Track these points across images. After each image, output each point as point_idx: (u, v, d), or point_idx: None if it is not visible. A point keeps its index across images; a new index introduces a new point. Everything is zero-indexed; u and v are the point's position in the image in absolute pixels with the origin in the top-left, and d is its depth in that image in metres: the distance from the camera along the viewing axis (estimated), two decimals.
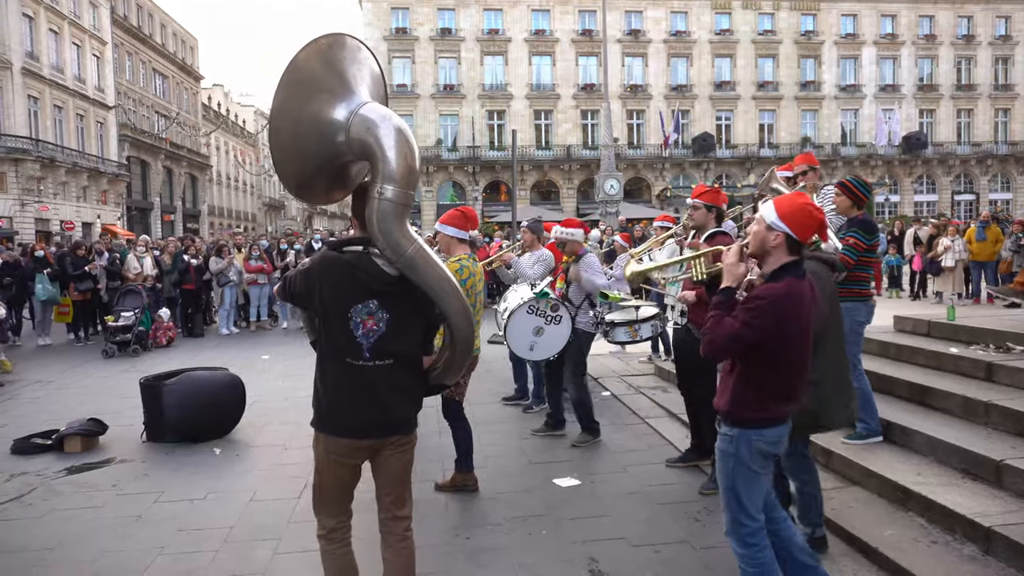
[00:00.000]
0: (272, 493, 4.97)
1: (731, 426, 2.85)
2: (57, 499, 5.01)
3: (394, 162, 2.61)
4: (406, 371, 2.80)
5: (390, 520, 2.93)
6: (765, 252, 2.78)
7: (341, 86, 2.68)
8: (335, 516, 2.87)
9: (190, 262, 13.30)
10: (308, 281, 2.72)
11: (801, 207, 2.76)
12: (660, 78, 42.14)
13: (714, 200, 4.92)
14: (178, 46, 52.19)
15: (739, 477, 2.85)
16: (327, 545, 2.87)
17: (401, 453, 2.86)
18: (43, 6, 34.22)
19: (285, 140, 2.69)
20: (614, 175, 23.38)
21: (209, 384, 6.52)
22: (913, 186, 44.58)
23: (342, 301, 2.68)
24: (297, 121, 2.66)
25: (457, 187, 41.27)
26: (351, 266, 2.70)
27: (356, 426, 2.74)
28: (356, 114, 2.64)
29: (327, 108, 2.65)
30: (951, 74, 44.71)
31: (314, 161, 2.76)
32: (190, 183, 51.87)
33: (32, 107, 33.36)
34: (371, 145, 2.62)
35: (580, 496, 4.83)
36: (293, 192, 2.95)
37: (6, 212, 31.37)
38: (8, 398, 8.40)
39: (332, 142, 2.67)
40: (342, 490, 2.87)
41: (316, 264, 2.76)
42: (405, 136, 2.66)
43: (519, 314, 5.60)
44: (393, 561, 2.92)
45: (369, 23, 39.71)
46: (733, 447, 2.84)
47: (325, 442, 2.78)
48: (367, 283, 2.69)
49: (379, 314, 2.69)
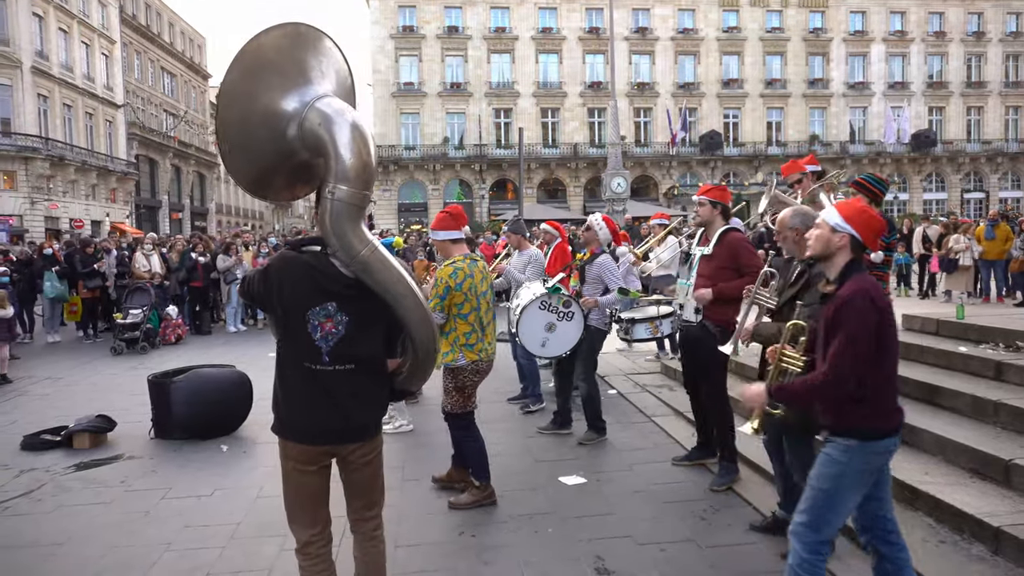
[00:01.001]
0: (279, 490, 4.88)
1: (848, 437, 2.73)
2: (66, 495, 5.04)
3: (348, 160, 2.50)
4: (367, 375, 2.70)
5: (359, 520, 2.88)
6: (829, 254, 2.80)
7: (295, 76, 2.56)
8: (308, 527, 2.74)
9: (198, 260, 13.35)
10: (266, 282, 2.62)
11: (863, 210, 2.83)
12: (667, 76, 42.03)
13: (720, 197, 4.93)
14: (186, 44, 52.38)
15: (843, 485, 2.73)
16: (303, 561, 2.75)
17: (367, 463, 2.78)
18: (52, 5, 34.40)
19: (233, 132, 2.56)
20: (621, 173, 23.34)
21: (217, 381, 6.55)
22: (922, 184, 44.34)
23: (300, 303, 2.58)
24: (246, 110, 2.53)
25: (464, 185, 41.28)
26: (309, 267, 2.61)
27: (314, 432, 2.64)
28: (311, 107, 2.53)
29: (278, 98, 2.52)
30: (961, 71, 44.42)
31: (265, 156, 2.62)
32: (198, 181, 52.07)
33: (42, 106, 33.55)
34: (324, 141, 2.51)
35: (586, 494, 4.83)
36: (246, 188, 2.77)
37: (16, 210, 31.57)
38: (18, 394, 8.46)
39: (283, 135, 2.54)
40: (310, 498, 2.74)
41: (274, 264, 2.68)
42: (361, 133, 2.55)
43: (531, 310, 5.58)
44: (362, 559, 2.88)
45: (376, 21, 39.75)
46: (847, 457, 2.72)
47: (285, 448, 2.71)
48: (325, 284, 2.59)
49: (338, 316, 2.60)
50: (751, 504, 4.52)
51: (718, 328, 4.69)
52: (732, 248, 4.74)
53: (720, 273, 4.68)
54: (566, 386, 6.23)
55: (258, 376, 7.21)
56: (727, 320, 4.67)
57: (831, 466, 2.76)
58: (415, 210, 40.38)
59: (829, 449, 2.79)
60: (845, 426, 2.74)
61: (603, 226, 5.99)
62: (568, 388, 6.23)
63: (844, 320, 2.64)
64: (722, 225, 4.87)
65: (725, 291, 4.59)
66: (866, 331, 2.62)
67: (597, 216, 6.14)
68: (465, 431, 4.59)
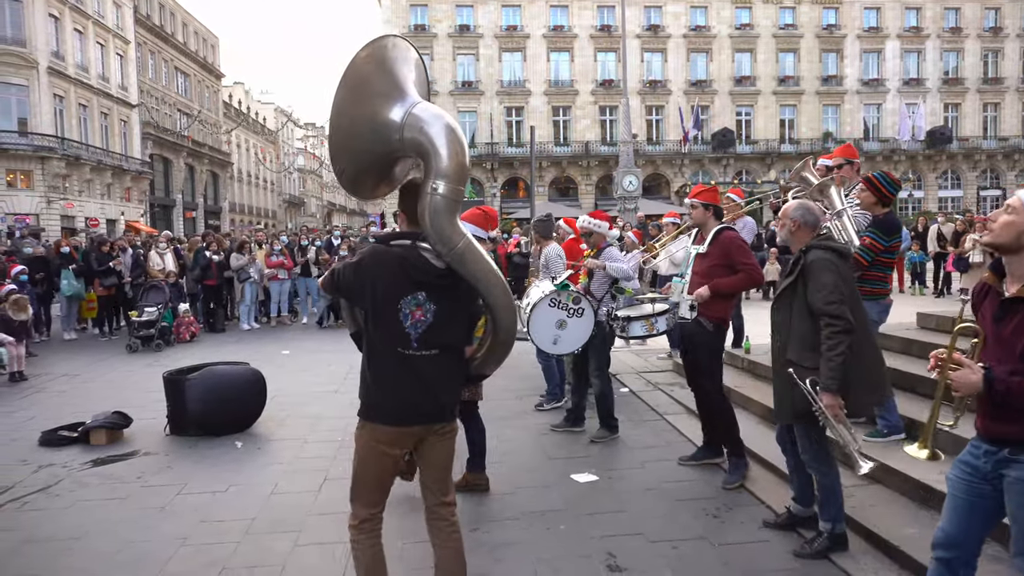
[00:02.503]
0: (293, 486, 5.02)
1: None
2: (83, 490, 5.10)
3: (446, 159, 2.70)
4: (450, 360, 2.88)
5: (438, 506, 3.00)
6: (1020, 247, 2.32)
7: (395, 88, 2.79)
8: (370, 507, 2.92)
9: (212, 258, 13.45)
10: (359, 274, 2.80)
11: None
12: (679, 73, 41.87)
13: (711, 198, 5.08)
14: (199, 44, 52.71)
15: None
16: (357, 535, 2.91)
17: (445, 441, 2.95)
18: (68, 6, 34.72)
19: (342, 139, 2.82)
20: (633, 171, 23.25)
21: (231, 378, 6.60)
22: (937, 181, 43.93)
23: (392, 292, 2.77)
24: (354, 121, 2.78)
25: (475, 183, 41.28)
26: (401, 259, 2.78)
27: (405, 413, 2.81)
28: (409, 114, 2.74)
29: (383, 109, 2.76)
30: (977, 67, 43.95)
31: (369, 159, 2.89)
32: (211, 180, 52.42)
33: (58, 106, 33.89)
34: (424, 144, 2.72)
35: (598, 492, 4.83)
36: (349, 190, 3.11)
37: (33, 209, 31.93)
38: (36, 391, 8.56)
39: (387, 141, 2.77)
40: (381, 480, 2.93)
41: (367, 257, 2.85)
42: (456, 134, 2.75)
43: (541, 308, 5.58)
44: (443, 546, 2.99)
45: (388, 20, 39.83)
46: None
47: (372, 431, 2.85)
48: (416, 275, 2.77)
49: (427, 305, 2.78)
50: (764, 502, 4.50)
51: (712, 324, 4.83)
52: (725, 247, 4.87)
53: (714, 271, 4.83)
54: (582, 385, 6.24)
55: (272, 374, 7.27)
56: (721, 316, 4.87)
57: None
58: None
59: (1017, 472, 2.38)
60: None
61: (597, 223, 6.08)
62: (584, 386, 6.24)
63: None
64: (715, 225, 4.99)
65: (721, 286, 4.75)
66: None
67: (584, 218, 6.22)
68: (471, 419, 4.75)
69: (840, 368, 3.38)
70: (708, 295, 4.75)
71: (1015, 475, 2.38)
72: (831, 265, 3.54)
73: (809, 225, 3.75)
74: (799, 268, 3.64)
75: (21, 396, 8.29)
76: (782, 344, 3.73)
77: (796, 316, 3.64)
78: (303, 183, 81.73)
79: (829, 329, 3.44)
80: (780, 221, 3.87)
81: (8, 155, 31.45)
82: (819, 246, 3.66)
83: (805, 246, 3.69)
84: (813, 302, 3.51)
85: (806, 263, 3.60)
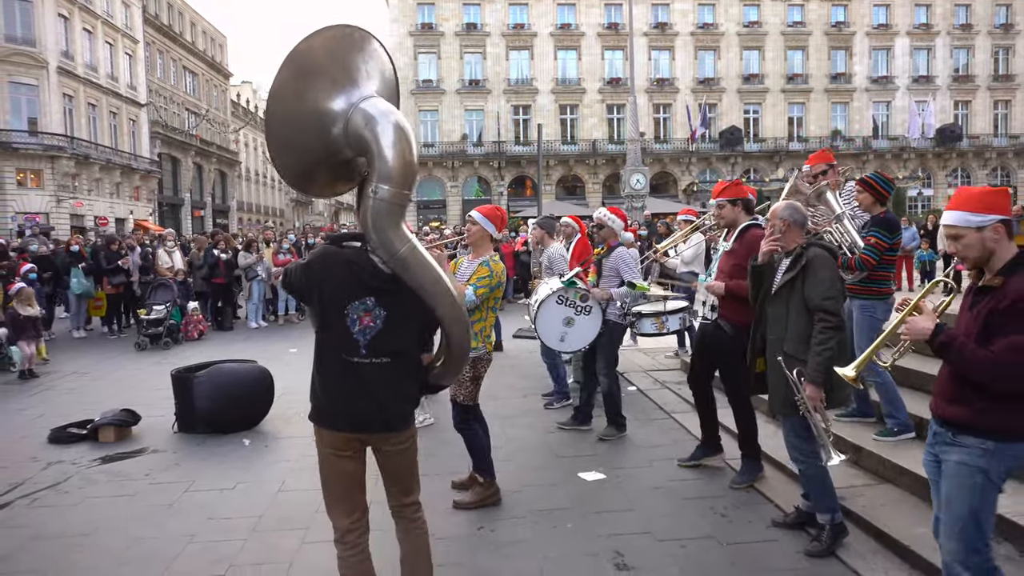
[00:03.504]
0: (300, 484, 5.03)
1: (985, 438, 2.48)
2: (92, 487, 5.13)
3: (391, 160, 2.54)
4: (402, 369, 2.77)
5: (398, 507, 2.95)
6: (989, 252, 2.51)
7: (343, 77, 2.61)
8: (347, 514, 2.80)
9: (219, 256, 13.48)
10: (308, 275, 2.72)
11: (985, 191, 2.60)
12: (687, 71, 41.75)
13: (736, 194, 4.87)
14: (208, 44, 52.89)
15: (986, 498, 2.48)
16: (342, 551, 2.80)
17: (402, 452, 2.84)
18: (77, 6, 34.89)
19: (280, 128, 2.61)
20: (640, 170, 23.21)
21: (238, 376, 6.61)
22: (947, 179, 43.61)
23: (340, 296, 2.67)
24: (294, 108, 2.58)
25: (482, 182, 41.32)
26: (350, 262, 2.69)
27: (350, 420, 2.72)
28: (356, 107, 2.57)
29: (325, 98, 2.57)
30: (988, 64, 43.63)
31: (310, 153, 2.68)
32: (219, 179, 52.60)
33: (67, 105, 34.07)
34: (368, 141, 2.55)
35: (605, 490, 4.81)
36: (291, 183, 2.87)
37: (43, 208, 32.13)
38: (45, 388, 8.61)
39: (328, 133, 2.59)
40: (347, 483, 2.81)
41: (316, 258, 2.76)
42: (405, 134, 2.58)
43: (549, 304, 5.56)
44: (407, 541, 2.95)
45: (395, 19, 39.87)
46: (985, 461, 2.47)
47: (320, 435, 2.78)
48: (365, 280, 2.67)
49: (376, 311, 2.68)
50: (772, 501, 4.48)
51: (731, 326, 4.65)
52: (751, 245, 4.62)
53: (737, 271, 4.59)
54: (590, 382, 6.21)
55: (279, 371, 7.28)
56: (741, 319, 4.57)
57: (966, 476, 2.52)
58: (434, 207, 40.52)
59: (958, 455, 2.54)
60: (988, 426, 2.49)
61: (614, 218, 5.94)
62: (593, 385, 6.21)
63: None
64: (745, 220, 4.82)
65: (735, 288, 4.49)
66: None
67: (603, 211, 6.06)
68: (474, 422, 4.58)
69: (827, 363, 3.47)
70: (722, 291, 4.59)
71: (955, 458, 2.54)
72: (830, 263, 3.70)
73: (799, 224, 3.88)
74: (800, 265, 3.70)
75: (31, 394, 8.34)
76: (778, 338, 3.77)
77: (794, 311, 3.71)
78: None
79: (822, 324, 3.56)
80: (770, 223, 3.95)
81: (18, 154, 31.65)
82: (819, 244, 3.81)
83: (805, 243, 3.80)
84: (811, 297, 3.61)
85: (808, 259, 3.68)
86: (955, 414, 2.57)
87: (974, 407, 2.51)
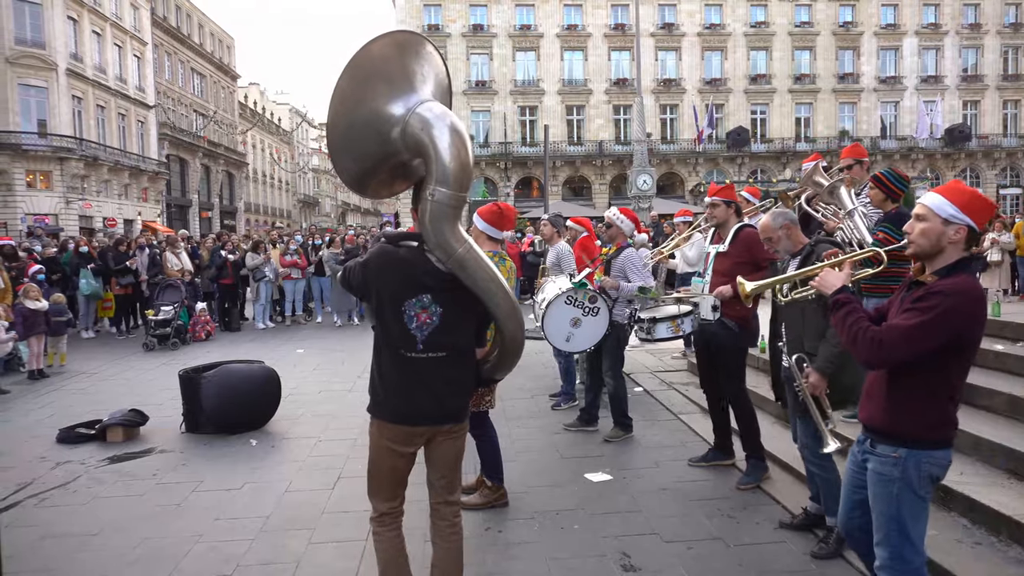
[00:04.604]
0: (307, 484, 5.04)
1: (896, 446, 2.51)
2: (100, 487, 5.15)
3: (448, 163, 2.60)
4: (458, 363, 2.85)
5: (441, 505, 2.99)
6: (939, 249, 2.46)
7: (402, 82, 2.68)
8: (388, 501, 2.92)
9: (227, 257, 13.53)
10: (365, 274, 2.80)
11: (976, 195, 2.52)
12: (694, 72, 41.65)
13: (731, 196, 5.01)
14: (215, 46, 53.11)
15: (905, 504, 2.49)
16: (378, 527, 2.92)
17: (453, 440, 2.92)
18: (86, 8, 35.10)
19: (341, 131, 2.69)
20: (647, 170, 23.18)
21: (246, 377, 6.62)
22: (956, 179, 43.35)
23: (397, 295, 2.74)
24: (354, 112, 2.66)
25: (489, 183, 41.30)
26: (406, 261, 2.77)
27: (410, 414, 2.80)
28: (413, 112, 2.63)
29: (384, 102, 2.65)
30: (997, 64, 43.34)
31: (368, 156, 2.76)
32: (227, 180, 52.80)
33: (76, 107, 34.27)
34: (425, 144, 2.61)
35: (612, 491, 4.81)
36: (350, 186, 2.92)
37: (52, 209, 32.33)
38: (54, 389, 8.66)
39: (387, 137, 2.66)
40: (395, 476, 2.91)
41: (374, 258, 2.83)
42: (460, 137, 2.64)
43: (557, 304, 5.56)
44: (442, 546, 2.98)
45: (402, 20, 39.93)
46: (899, 470, 2.49)
47: (380, 428, 2.85)
48: (421, 279, 2.75)
49: (432, 308, 2.76)
50: (780, 502, 4.46)
51: (736, 324, 4.73)
52: (747, 243, 4.77)
53: (737, 269, 4.57)
54: (596, 383, 6.21)
55: (286, 372, 7.31)
56: (745, 316, 4.75)
57: (884, 485, 2.55)
58: None
59: (875, 464, 2.58)
60: (898, 435, 2.52)
61: (623, 218, 5.94)
62: (598, 386, 6.20)
63: (936, 308, 2.35)
64: (736, 222, 4.92)
65: None
66: (947, 335, 2.36)
67: (614, 210, 6.07)
68: (481, 428, 4.52)
69: (839, 357, 3.44)
70: (731, 293, 4.59)
71: (872, 467, 2.59)
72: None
73: (795, 221, 3.92)
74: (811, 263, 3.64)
75: (39, 394, 8.39)
76: (796, 337, 3.75)
77: (809, 309, 3.67)
78: (317, 183, 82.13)
79: None
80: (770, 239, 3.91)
81: (28, 156, 31.86)
82: (826, 240, 3.79)
83: (813, 240, 3.79)
84: None
85: (819, 257, 3.58)
86: (868, 414, 2.63)
87: (886, 409, 2.54)
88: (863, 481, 2.65)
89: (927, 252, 2.48)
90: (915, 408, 2.48)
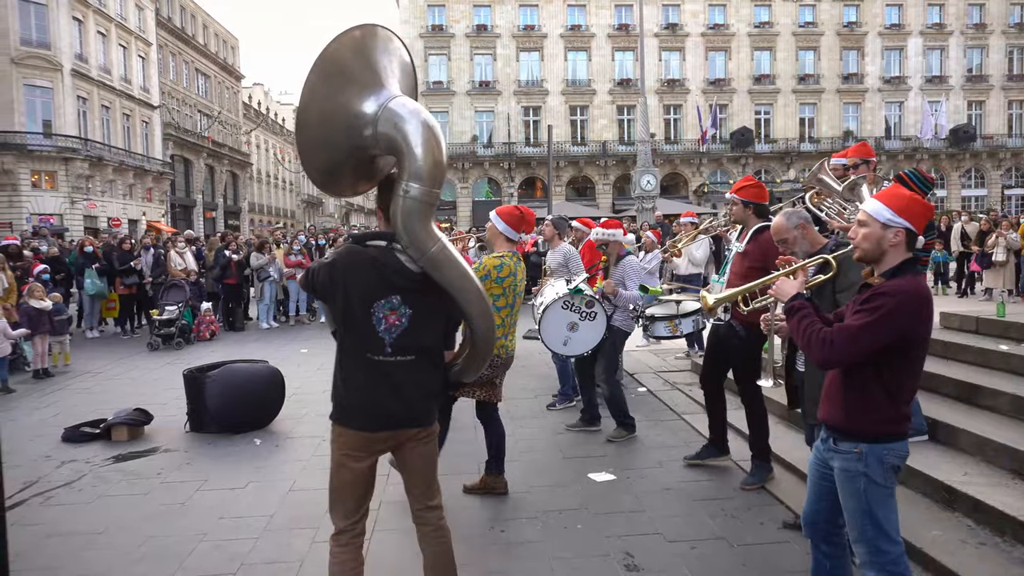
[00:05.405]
0: (311, 483, 5.04)
1: (856, 441, 2.59)
2: (105, 486, 5.17)
3: (421, 159, 2.55)
4: (426, 366, 2.78)
5: (423, 511, 2.91)
6: (881, 252, 2.57)
7: (371, 78, 2.62)
8: (347, 517, 2.79)
9: (231, 257, 13.56)
10: (332, 274, 2.69)
11: (914, 199, 2.61)
12: (698, 72, 41.62)
13: (754, 196, 4.84)
14: (219, 46, 53.22)
15: (873, 497, 2.57)
16: (335, 548, 2.79)
17: (424, 445, 2.83)
18: (91, 9, 35.20)
19: (312, 132, 2.62)
20: (651, 171, 23.16)
21: (250, 376, 6.64)
22: (960, 180, 43.25)
23: (366, 296, 2.65)
24: (325, 112, 2.60)
25: (492, 183, 41.32)
26: (375, 261, 2.67)
27: (376, 417, 2.71)
28: (384, 108, 2.57)
29: (356, 101, 2.59)
30: (1002, 64, 43.22)
31: (341, 154, 2.71)
32: (231, 180, 52.90)
33: (81, 107, 34.37)
34: (398, 141, 2.56)
35: (615, 491, 4.81)
36: (318, 184, 2.88)
37: (57, 209, 32.42)
38: (59, 388, 8.69)
39: (359, 135, 2.61)
40: (357, 489, 2.79)
41: (341, 258, 2.73)
42: (433, 133, 2.59)
43: (554, 309, 5.57)
44: (431, 550, 2.92)
45: (405, 20, 39.98)
46: (862, 465, 2.57)
47: (342, 435, 2.75)
48: (391, 279, 2.66)
49: (401, 309, 2.68)
50: (783, 503, 4.46)
51: (744, 329, 4.64)
52: (764, 248, 4.62)
53: (751, 273, 4.52)
54: (587, 383, 6.21)
55: (290, 372, 7.32)
56: (753, 321, 4.58)
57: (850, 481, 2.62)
58: (444, 208, 40.46)
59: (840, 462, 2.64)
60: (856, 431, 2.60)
61: (612, 232, 5.94)
62: (590, 385, 6.21)
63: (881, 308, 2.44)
64: (757, 223, 4.78)
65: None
66: (892, 335, 2.45)
67: (598, 231, 6.07)
68: (489, 421, 4.70)
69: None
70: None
71: (837, 465, 2.66)
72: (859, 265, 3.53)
73: (809, 221, 3.90)
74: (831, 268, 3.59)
75: (44, 393, 8.42)
76: None
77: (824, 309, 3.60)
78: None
79: None
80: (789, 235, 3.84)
81: (33, 156, 31.96)
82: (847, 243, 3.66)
83: (834, 241, 3.72)
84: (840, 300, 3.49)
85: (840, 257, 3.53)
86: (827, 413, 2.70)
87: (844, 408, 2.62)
88: (826, 473, 2.74)
89: (871, 255, 2.60)
90: (869, 407, 2.57)
